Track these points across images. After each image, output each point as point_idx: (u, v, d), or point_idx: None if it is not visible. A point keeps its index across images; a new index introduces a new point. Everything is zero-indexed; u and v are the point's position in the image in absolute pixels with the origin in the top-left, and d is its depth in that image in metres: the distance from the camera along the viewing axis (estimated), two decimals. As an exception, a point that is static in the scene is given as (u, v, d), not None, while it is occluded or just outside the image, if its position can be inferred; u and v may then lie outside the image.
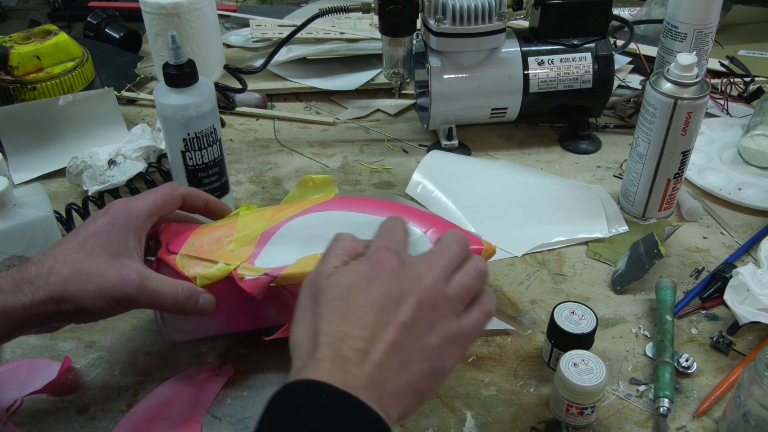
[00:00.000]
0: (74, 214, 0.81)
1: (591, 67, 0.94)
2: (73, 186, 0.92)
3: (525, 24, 0.99)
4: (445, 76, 0.93)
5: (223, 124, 0.99)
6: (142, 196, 0.62)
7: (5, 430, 0.61)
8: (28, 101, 0.93)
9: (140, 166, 0.89)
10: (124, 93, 1.11)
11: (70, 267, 0.55)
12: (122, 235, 0.58)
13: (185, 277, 0.60)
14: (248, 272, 0.60)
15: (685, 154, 0.79)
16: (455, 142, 0.97)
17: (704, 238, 0.83)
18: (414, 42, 0.94)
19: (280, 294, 0.61)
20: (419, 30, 0.95)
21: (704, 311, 0.73)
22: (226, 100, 1.02)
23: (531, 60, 0.94)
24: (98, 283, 0.55)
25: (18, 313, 0.54)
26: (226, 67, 1.01)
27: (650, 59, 1.07)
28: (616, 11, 0.97)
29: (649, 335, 0.70)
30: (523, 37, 0.95)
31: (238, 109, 1.06)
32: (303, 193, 0.73)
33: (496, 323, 0.71)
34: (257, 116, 1.08)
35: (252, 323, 0.67)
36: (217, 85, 1.02)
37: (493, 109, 0.96)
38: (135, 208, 0.60)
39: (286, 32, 1.17)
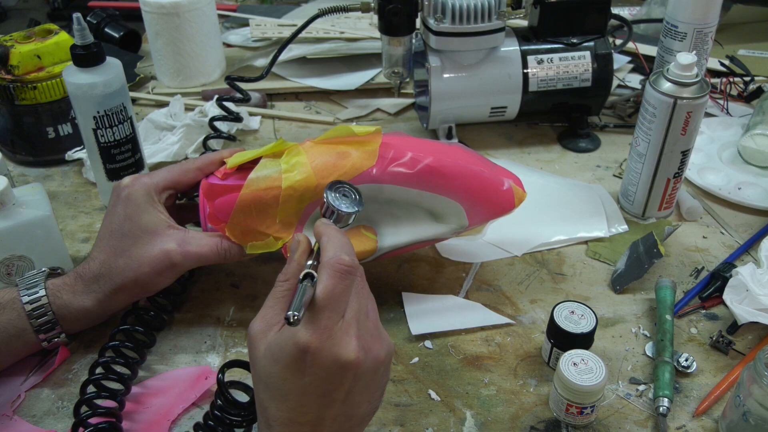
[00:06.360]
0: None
1: (590, 65, 0.94)
2: (73, 185, 0.92)
3: (524, 23, 0.99)
4: (445, 75, 0.93)
5: (240, 120, 0.99)
6: (155, 172, 0.69)
7: (14, 423, 0.61)
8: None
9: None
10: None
11: (123, 257, 0.65)
12: (149, 210, 0.66)
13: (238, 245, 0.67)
14: None
15: (685, 154, 0.79)
16: (455, 141, 0.97)
17: (704, 237, 0.83)
18: (413, 41, 0.94)
19: None
20: (419, 29, 0.95)
21: (704, 311, 0.73)
22: (240, 93, 1.02)
23: (530, 59, 0.94)
24: (149, 263, 0.64)
25: (96, 308, 0.65)
26: (227, 78, 1.01)
27: (650, 59, 1.07)
28: (615, 10, 0.97)
29: (648, 335, 0.70)
30: (523, 36, 0.95)
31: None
32: (342, 132, 0.68)
33: (496, 318, 0.71)
34: (257, 115, 1.08)
35: None
36: (230, 77, 1.02)
37: (492, 108, 0.96)
38: (149, 182, 0.67)
39: (285, 32, 1.17)
